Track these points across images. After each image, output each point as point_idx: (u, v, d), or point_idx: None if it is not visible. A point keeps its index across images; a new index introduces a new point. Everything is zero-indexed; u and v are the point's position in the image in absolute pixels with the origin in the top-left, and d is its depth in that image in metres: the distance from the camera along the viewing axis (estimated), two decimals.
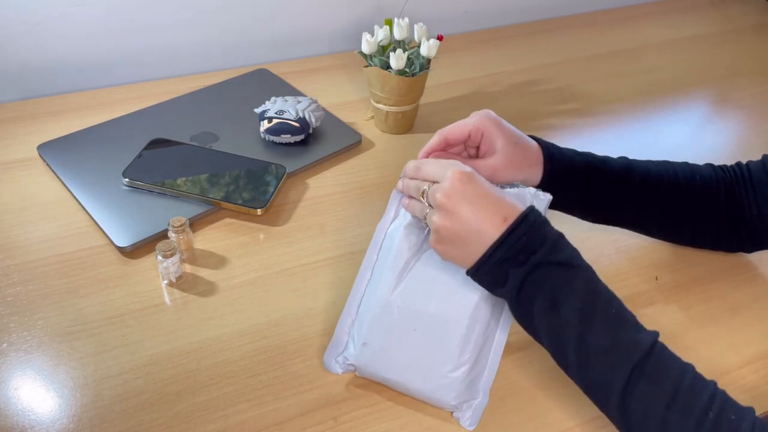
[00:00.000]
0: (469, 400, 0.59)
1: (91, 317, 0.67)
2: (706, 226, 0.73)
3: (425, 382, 0.59)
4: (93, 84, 1.02)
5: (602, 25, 1.31)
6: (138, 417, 0.59)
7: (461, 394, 0.58)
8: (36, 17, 0.94)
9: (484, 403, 0.59)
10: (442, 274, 0.60)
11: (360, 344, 0.61)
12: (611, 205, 0.70)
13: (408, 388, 0.60)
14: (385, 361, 0.60)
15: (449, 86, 1.07)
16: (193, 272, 0.73)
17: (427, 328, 0.59)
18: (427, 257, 0.61)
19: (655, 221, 0.73)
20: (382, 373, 0.60)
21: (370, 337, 0.60)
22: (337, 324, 0.63)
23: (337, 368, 0.63)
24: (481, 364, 0.59)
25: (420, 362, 0.59)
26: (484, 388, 0.60)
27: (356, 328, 0.62)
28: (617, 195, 0.69)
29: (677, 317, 0.71)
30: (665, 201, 0.70)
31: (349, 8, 1.14)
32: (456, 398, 0.58)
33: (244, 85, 1.01)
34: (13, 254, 0.73)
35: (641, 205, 0.71)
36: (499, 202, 0.55)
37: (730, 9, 1.41)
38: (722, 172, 0.73)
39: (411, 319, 0.59)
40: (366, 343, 0.60)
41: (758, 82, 1.15)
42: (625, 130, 1.01)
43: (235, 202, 0.78)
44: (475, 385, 0.59)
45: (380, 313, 0.60)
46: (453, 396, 0.58)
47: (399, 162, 0.91)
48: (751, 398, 0.63)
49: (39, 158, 0.85)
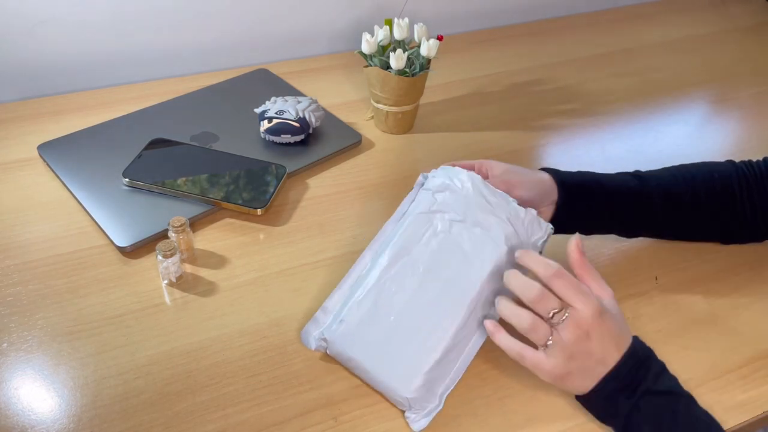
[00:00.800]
0: (425, 402, 0.59)
1: (91, 317, 0.67)
2: (732, 223, 0.74)
3: (388, 370, 0.59)
4: (93, 84, 1.02)
5: (602, 25, 1.31)
6: (138, 417, 0.59)
7: (418, 390, 0.58)
8: (36, 17, 0.94)
9: (438, 409, 0.59)
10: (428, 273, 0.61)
11: (338, 320, 0.62)
12: (631, 226, 0.74)
13: (369, 373, 0.60)
14: (356, 341, 0.61)
15: (449, 86, 1.07)
16: (193, 272, 0.73)
17: (402, 318, 0.60)
18: (423, 251, 0.62)
19: (679, 232, 0.76)
20: (349, 352, 0.61)
21: (348, 315, 0.61)
22: (325, 301, 0.65)
23: (312, 343, 0.63)
24: (446, 367, 0.59)
25: (387, 349, 0.59)
26: (442, 394, 0.59)
27: (341, 305, 0.63)
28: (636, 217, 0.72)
29: (677, 317, 0.71)
30: (686, 212, 0.72)
31: (349, 8, 1.14)
32: (412, 393, 0.58)
33: (244, 85, 1.01)
34: (13, 254, 0.73)
35: (661, 221, 0.73)
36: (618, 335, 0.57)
37: (730, 9, 1.41)
38: (743, 167, 0.74)
39: (388, 306, 0.60)
40: (343, 320, 0.61)
41: (758, 82, 1.15)
42: (625, 130, 1.01)
43: (235, 202, 0.78)
44: (434, 388, 0.59)
45: (364, 295, 0.61)
46: (411, 390, 0.58)
47: (399, 162, 0.91)
48: (751, 398, 0.64)
49: (39, 158, 0.85)
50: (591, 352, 0.55)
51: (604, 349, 0.55)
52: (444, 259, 0.61)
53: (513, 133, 0.97)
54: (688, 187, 0.72)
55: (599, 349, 0.55)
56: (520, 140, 0.96)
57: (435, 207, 0.63)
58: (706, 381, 0.65)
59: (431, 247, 0.62)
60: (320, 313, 0.64)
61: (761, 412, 0.63)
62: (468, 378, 0.64)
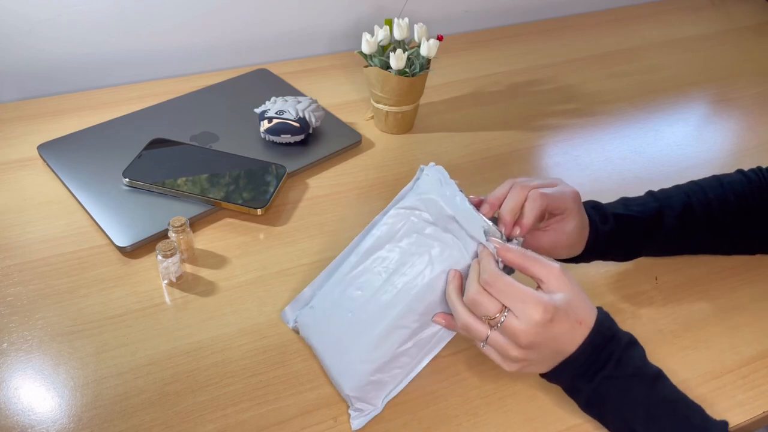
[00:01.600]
0: (366, 403, 0.59)
1: (92, 317, 0.67)
2: (747, 234, 0.73)
3: (338, 364, 0.60)
4: (93, 84, 1.02)
5: (602, 25, 1.31)
6: (138, 416, 0.59)
7: (359, 389, 0.58)
8: (36, 17, 0.94)
9: (376, 412, 0.59)
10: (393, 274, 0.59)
11: (309, 306, 0.64)
12: (651, 250, 0.73)
13: (324, 363, 0.62)
14: (319, 329, 0.63)
15: (449, 86, 1.07)
16: (194, 272, 0.73)
17: (358, 316, 0.60)
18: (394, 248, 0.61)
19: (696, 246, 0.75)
20: (311, 338, 0.63)
21: (318, 302, 0.64)
22: (310, 282, 0.66)
23: (290, 322, 0.66)
24: (391, 373, 0.59)
25: (342, 344, 0.60)
26: (385, 399, 0.59)
27: (316, 291, 0.66)
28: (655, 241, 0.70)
29: (677, 317, 0.71)
30: (703, 230, 0.71)
31: (349, 8, 1.14)
32: (352, 390, 0.58)
33: (244, 85, 1.01)
34: (13, 254, 0.73)
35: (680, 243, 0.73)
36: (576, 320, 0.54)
37: (730, 9, 1.41)
38: (754, 175, 0.73)
39: (350, 301, 0.61)
40: (313, 306, 0.64)
41: (758, 82, 1.15)
42: (625, 130, 1.01)
43: (236, 202, 0.78)
44: (378, 391, 0.59)
45: (333, 286, 0.63)
46: (350, 386, 0.58)
47: (399, 162, 0.91)
48: (751, 398, 0.64)
49: (39, 158, 0.85)
50: (536, 357, 0.54)
51: (551, 349, 0.54)
52: (410, 260, 0.59)
53: (513, 133, 0.97)
54: (701, 203, 0.70)
55: (546, 351, 0.54)
56: (520, 140, 0.96)
57: (417, 204, 0.61)
58: (706, 381, 0.65)
59: (402, 245, 0.60)
60: (301, 295, 0.67)
61: (761, 412, 0.63)
62: (468, 378, 0.64)
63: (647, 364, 0.57)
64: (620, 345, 0.56)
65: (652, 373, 0.56)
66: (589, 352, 0.54)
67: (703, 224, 0.71)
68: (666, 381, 0.57)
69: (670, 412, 0.55)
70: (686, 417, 0.55)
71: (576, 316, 0.53)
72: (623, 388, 0.55)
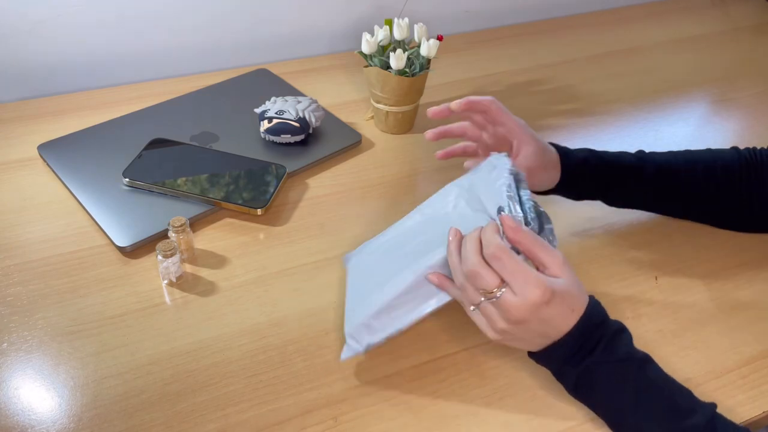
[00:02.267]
0: (356, 342, 0.61)
1: (92, 317, 0.67)
2: (729, 207, 0.76)
3: (354, 305, 0.64)
4: (93, 84, 1.02)
5: (602, 25, 1.31)
6: (138, 416, 0.59)
7: (355, 328, 0.62)
8: (36, 17, 0.94)
9: (359, 352, 0.61)
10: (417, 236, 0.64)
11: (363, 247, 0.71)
12: (628, 196, 0.77)
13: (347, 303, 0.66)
14: (354, 271, 0.69)
15: (449, 86, 1.07)
16: (193, 272, 0.73)
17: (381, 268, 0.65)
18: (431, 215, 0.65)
19: (676, 206, 0.79)
20: (348, 275, 0.69)
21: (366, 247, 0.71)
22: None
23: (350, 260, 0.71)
24: (382, 321, 0.61)
25: (363, 290, 0.64)
26: (369, 344, 0.61)
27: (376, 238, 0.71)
28: (632, 187, 0.75)
29: (677, 317, 0.71)
30: (683, 188, 0.75)
31: (349, 8, 1.14)
32: (350, 328, 0.62)
33: (244, 85, 1.01)
34: (13, 254, 0.73)
35: (658, 194, 0.76)
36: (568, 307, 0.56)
37: (730, 9, 1.41)
38: (747, 154, 0.75)
39: (382, 255, 0.66)
40: (362, 249, 0.71)
41: (758, 82, 1.15)
42: (625, 130, 1.01)
43: (236, 202, 0.78)
44: (367, 334, 0.61)
45: (383, 239, 0.69)
46: (350, 326, 0.62)
47: (399, 162, 0.91)
48: (751, 398, 0.64)
49: (39, 158, 0.85)
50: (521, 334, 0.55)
51: (539, 331, 0.55)
52: (433, 228, 0.63)
53: None
54: (688, 165, 0.75)
55: (533, 332, 0.55)
56: None
57: (463, 181, 0.66)
58: (706, 381, 0.65)
59: (437, 216, 0.65)
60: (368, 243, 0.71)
61: (761, 412, 0.63)
62: (468, 378, 0.64)
63: (634, 349, 0.58)
64: (609, 331, 0.57)
65: (640, 358, 0.57)
66: (577, 337, 0.55)
67: (683, 182, 0.75)
68: (654, 365, 0.57)
69: (658, 395, 0.55)
70: (674, 400, 0.56)
71: (570, 303, 0.55)
72: (611, 373, 0.56)
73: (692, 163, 0.75)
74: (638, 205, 0.79)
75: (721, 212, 0.78)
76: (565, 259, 0.55)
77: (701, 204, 0.77)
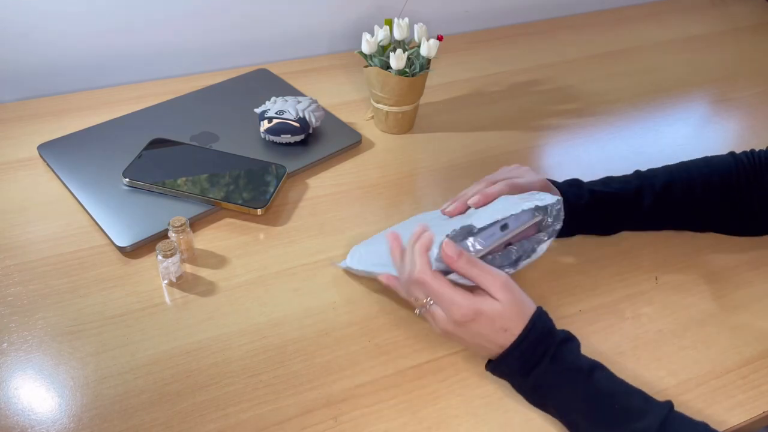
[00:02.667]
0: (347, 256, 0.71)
1: (92, 317, 0.67)
2: (731, 217, 0.76)
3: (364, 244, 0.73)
4: (93, 84, 1.02)
5: (602, 25, 1.31)
6: (138, 416, 0.59)
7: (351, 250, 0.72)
8: (36, 17, 0.94)
9: (343, 266, 0.72)
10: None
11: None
12: (628, 227, 0.78)
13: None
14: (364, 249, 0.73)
15: (449, 86, 1.07)
16: (193, 272, 0.73)
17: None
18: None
19: (677, 225, 0.79)
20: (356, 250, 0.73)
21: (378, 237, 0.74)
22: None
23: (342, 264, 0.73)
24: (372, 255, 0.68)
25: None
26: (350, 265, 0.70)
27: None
28: (632, 221, 0.77)
29: (677, 317, 0.71)
30: (683, 210, 0.76)
31: (349, 8, 1.14)
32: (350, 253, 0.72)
33: (244, 85, 1.01)
34: (13, 254, 0.73)
35: (658, 222, 0.78)
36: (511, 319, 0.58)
37: (730, 9, 1.41)
38: (745, 158, 0.75)
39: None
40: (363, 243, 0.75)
41: (758, 82, 1.15)
42: (625, 130, 1.01)
43: (236, 202, 0.78)
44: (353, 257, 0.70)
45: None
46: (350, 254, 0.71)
47: (399, 162, 0.91)
48: (751, 398, 0.64)
49: (39, 158, 0.85)
50: (463, 337, 0.59)
51: (475, 342, 0.59)
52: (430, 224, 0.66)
53: (513, 133, 0.97)
54: (685, 186, 0.74)
55: (469, 341, 0.59)
56: (520, 140, 0.96)
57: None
58: (706, 381, 0.65)
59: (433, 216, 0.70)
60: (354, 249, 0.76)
61: (761, 412, 0.63)
62: (468, 378, 0.64)
63: (582, 357, 0.58)
64: (554, 342, 0.58)
65: (588, 366, 0.57)
66: (519, 352, 0.57)
67: (682, 204, 0.75)
68: (603, 372, 0.58)
69: (609, 402, 0.56)
70: (626, 405, 0.56)
71: (502, 324, 0.57)
72: (560, 383, 0.57)
73: (689, 181, 0.74)
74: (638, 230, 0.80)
75: (722, 223, 0.78)
76: (505, 282, 0.58)
77: (702, 220, 0.78)
